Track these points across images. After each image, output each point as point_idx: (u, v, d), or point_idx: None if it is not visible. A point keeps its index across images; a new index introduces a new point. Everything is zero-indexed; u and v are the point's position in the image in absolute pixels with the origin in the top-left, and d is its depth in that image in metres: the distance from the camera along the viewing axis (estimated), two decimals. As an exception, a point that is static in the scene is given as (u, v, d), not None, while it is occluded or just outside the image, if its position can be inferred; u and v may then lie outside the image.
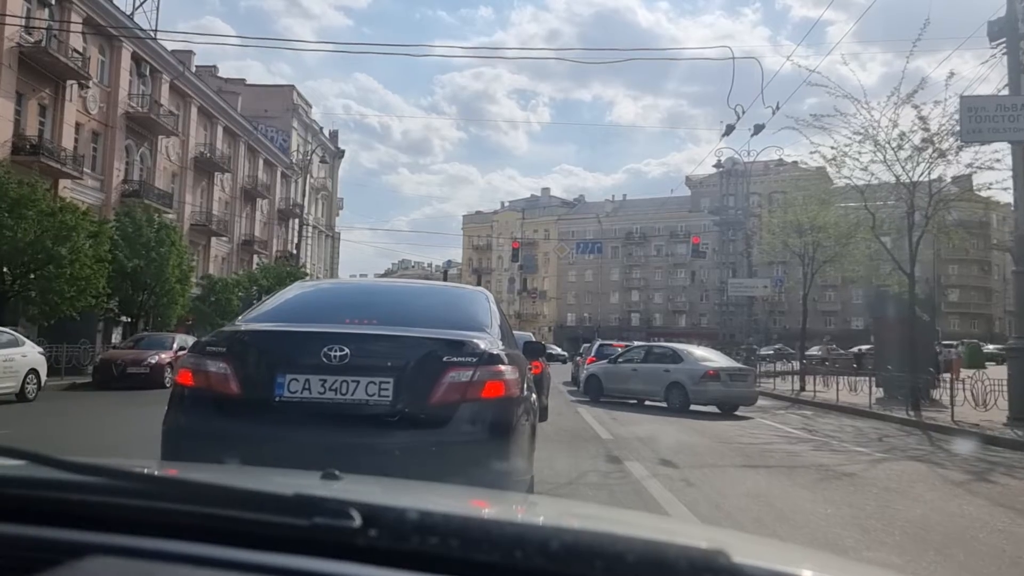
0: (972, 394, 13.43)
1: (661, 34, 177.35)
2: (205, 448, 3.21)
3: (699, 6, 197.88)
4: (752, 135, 19.63)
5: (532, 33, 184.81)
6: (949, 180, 15.35)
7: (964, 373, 17.40)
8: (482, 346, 3.52)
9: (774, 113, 17.20)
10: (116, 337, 27.63)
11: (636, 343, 23.73)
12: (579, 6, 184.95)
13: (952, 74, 14.75)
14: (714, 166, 34.72)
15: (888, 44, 68.16)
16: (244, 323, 3.95)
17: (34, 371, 13.81)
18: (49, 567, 0.78)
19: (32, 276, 18.02)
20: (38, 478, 0.94)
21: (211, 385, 3.52)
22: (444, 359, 3.43)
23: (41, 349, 14.95)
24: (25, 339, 14.51)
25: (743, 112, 17.29)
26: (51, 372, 16.53)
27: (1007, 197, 19.08)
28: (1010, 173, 13.64)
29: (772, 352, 42.02)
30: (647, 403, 15.71)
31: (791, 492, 6.21)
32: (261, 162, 46.73)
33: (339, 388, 3.40)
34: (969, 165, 14.50)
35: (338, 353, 3.39)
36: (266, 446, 3.28)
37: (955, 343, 36.56)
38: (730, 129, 18.68)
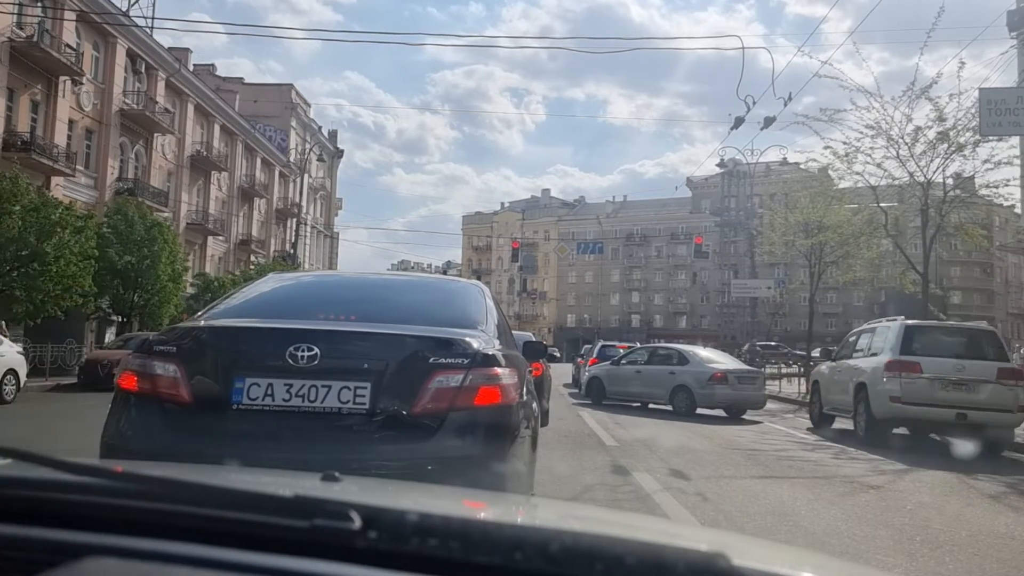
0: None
1: (655, 30, 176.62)
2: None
3: (692, 3, 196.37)
4: (762, 128, 19.14)
5: (523, 30, 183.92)
6: (951, 181, 14.84)
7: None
8: (475, 346, 3.03)
9: (786, 104, 16.73)
10: (110, 337, 27.18)
11: (639, 344, 23.23)
12: (570, 2, 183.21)
13: (963, 64, 14.20)
14: (717, 165, 34.19)
15: (885, 43, 67.87)
16: (204, 319, 3.48)
17: (12, 371, 13.32)
18: (47, 568, 0.77)
19: (16, 274, 17.51)
20: (35, 478, 0.94)
21: (157, 391, 3.06)
22: (431, 360, 2.96)
23: (20, 348, 14.47)
24: (3, 338, 14.03)
25: (754, 103, 16.79)
26: (35, 373, 16.07)
27: (1012, 198, 18.56)
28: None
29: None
30: (651, 406, 15.22)
31: (818, 509, 5.67)
32: (259, 161, 46.22)
33: (307, 394, 2.93)
34: (986, 161, 14.02)
35: (306, 353, 2.93)
36: (219, 463, 2.80)
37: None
38: (739, 122, 18.14)
